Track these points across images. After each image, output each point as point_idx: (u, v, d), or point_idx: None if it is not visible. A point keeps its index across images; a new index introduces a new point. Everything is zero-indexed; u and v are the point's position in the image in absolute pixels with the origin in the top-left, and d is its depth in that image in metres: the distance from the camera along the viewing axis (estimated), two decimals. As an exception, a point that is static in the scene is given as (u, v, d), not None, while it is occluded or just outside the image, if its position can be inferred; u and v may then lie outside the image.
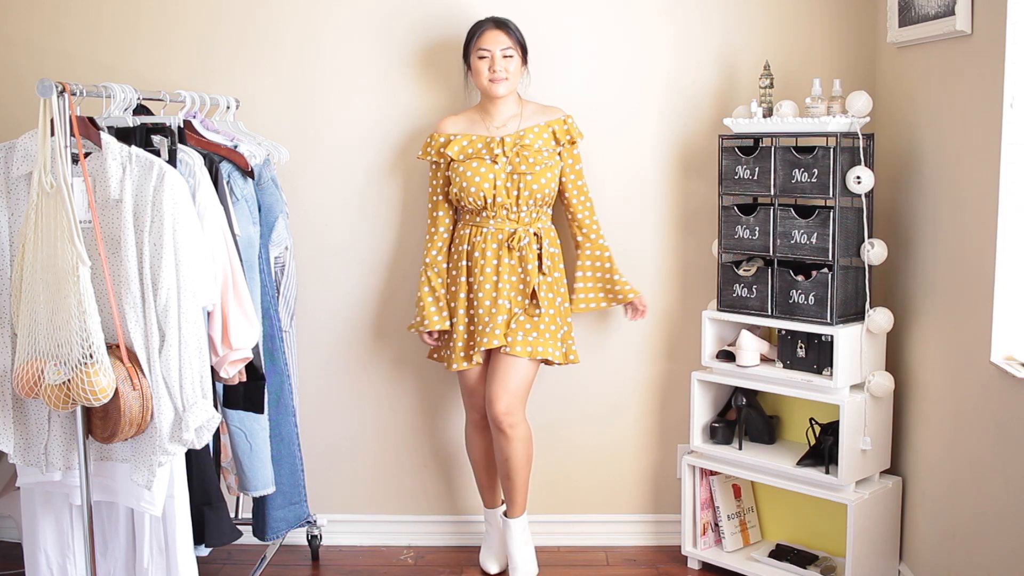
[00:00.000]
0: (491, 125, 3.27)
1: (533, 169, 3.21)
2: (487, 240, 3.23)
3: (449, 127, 3.30)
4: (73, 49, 3.51)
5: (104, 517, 2.75)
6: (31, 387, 2.40)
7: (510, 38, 3.21)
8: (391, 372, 3.66)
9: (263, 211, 3.02)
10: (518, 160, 3.20)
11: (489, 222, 3.24)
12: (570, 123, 3.29)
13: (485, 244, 3.23)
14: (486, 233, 3.24)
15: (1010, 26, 2.49)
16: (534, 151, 3.22)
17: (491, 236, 3.23)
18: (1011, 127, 2.53)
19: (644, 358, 3.62)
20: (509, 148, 3.21)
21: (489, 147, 3.22)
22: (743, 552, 3.45)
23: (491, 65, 3.18)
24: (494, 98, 3.24)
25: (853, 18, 3.42)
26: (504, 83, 3.20)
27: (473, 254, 3.25)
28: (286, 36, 3.50)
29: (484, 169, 3.20)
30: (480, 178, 3.20)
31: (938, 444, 2.99)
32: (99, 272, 2.46)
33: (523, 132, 3.24)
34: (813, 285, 3.12)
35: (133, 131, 2.68)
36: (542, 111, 3.31)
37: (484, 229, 3.24)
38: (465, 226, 3.29)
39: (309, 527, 3.54)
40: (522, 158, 3.21)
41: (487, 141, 3.23)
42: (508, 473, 3.29)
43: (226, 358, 2.67)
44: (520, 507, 3.34)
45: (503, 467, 3.30)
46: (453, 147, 3.25)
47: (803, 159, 3.10)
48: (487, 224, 3.24)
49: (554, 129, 3.27)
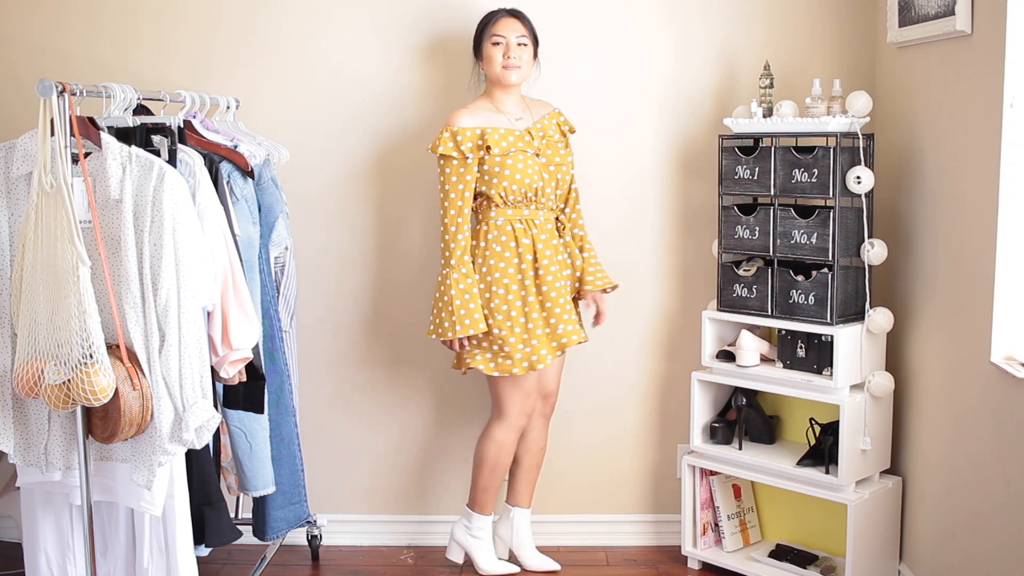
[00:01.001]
0: (509, 118, 3.21)
1: (566, 160, 3.27)
2: (544, 230, 3.20)
3: (467, 120, 3.16)
4: (73, 49, 3.51)
5: (104, 517, 2.75)
6: (31, 387, 2.40)
7: (524, 27, 3.19)
8: (391, 372, 3.65)
9: (263, 211, 3.02)
10: (551, 152, 3.22)
11: (539, 213, 3.21)
12: (564, 115, 3.32)
13: (545, 234, 3.20)
14: (540, 224, 3.21)
15: (1010, 26, 2.49)
16: (555, 142, 3.25)
17: (543, 226, 3.21)
18: (1011, 127, 2.53)
19: (644, 358, 3.62)
20: (540, 140, 3.21)
21: (526, 141, 3.19)
22: (743, 552, 3.45)
23: (506, 51, 3.15)
24: (507, 86, 3.19)
25: (853, 18, 3.43)
26: (517, 71, 3.17)
27: (536, 246, 3.17)
28: (286, 36, 3.50)
29: (531, 162, 3.16)
30: (532, 171, 3.15)
31: (938, 444, 2.99)
32: (99, 272, 2.46)
33: (541, 125, 3.24)
34: (813, 285, 3.12)
35: (133, 131, 2.68)
36: (540, 104, 3.31)
37: (537, 221, 3.20)
38: (508, 222, 3.16)
39: (309, 527, 3.54)
40: (554, 149, 3.24)
41: (520, 135, 3.19)
42: (539, 463, 3.45)
43: (226, 358, 2.67)
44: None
45: (536, 456, 3.43)
46: (492, 139, 3.13)
47: (803, 159, 3.10)
48: (537, 216, 3.21)
49: (557, 121, 3.29)
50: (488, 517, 3.40)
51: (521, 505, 3.44)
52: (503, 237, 3.16)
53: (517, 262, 3.16)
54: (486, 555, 3.42)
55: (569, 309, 3.22)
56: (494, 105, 3.22)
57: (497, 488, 3.38)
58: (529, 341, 3.15)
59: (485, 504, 3.38)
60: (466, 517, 3.41)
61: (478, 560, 3.41)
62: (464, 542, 3.41)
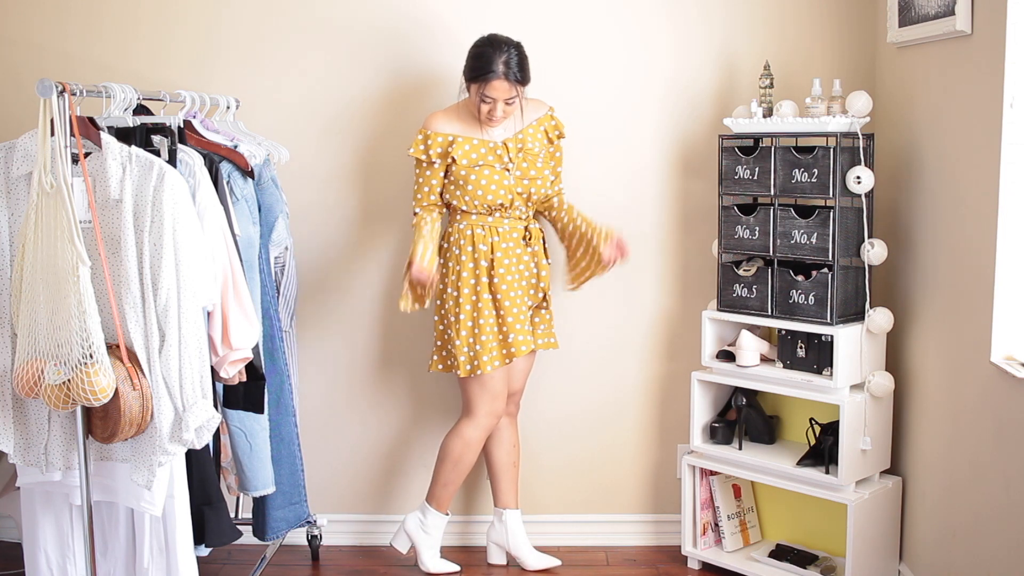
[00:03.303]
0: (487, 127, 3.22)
1: (542, 173, 3.23)
2: (506, 239, 3.21)
3: (443, 126, 3.19)
4: (73, 49, 3.51)
5: (104, 517, 2.75)
6: (31, 387, 2.40)
7: (516, 88, 3.12)
8: (391, 372, 3.65)
9: (263, 211, 3.02)
10: (526, 165, 3.20)
11: (503, 222, 3.22)
12: (556, 118, 3.29)
13: (506, 243, 3.21)
14: (504, 232, 3.21)
15: (1010, 26, 2.49)
16: (534, 155, 3.23)
17: (507, 235, 3.22)
18: (1011, 127, 2.53)
19: (644, 358, 3.62)
20: (514, 154, 3.20)
21: (497, 155, 3.18)
22: (743, 552, 3.45)
23: (491, 112, 3.14)
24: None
25: (853, 18, 3.43)
26: (500, 124, 3.20)
27: (494, 254, 3.19)
28: (286, 36, 3.50)
29: (497, 177, 3.17)
30: (496, 186, 3.16)
31: (938, 444, 2.99)
32: (99, 272, 2.46)
33: (522, 136, 3.23)
34: (813, 285, 3.12)
35: (133, 131, 2.68)
36: (532, 107, 3.26)
37: (501, 229, 3.21)
38: (470, 227, 3.21)
39: (309, 527, 3.54)
40: (529, 163, 3.21)
41: (492, 148, 3.19)
42: (516, 460, 3.45)
43: (226, 358, 2.67)
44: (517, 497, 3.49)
45: (511, 454, 3.43)
46: (459, 151, 3.17)
47: (803, 159, 3.10)
48: (501, 224, 3.22)
49: (545, 127, 3.27)
50: (443, 516, 3.40)
51: (510, 506, 3.44)
52: (462, 241, 3.22)
53: (472, 267, 3.20)
54: (432, 553, 3.42)
55: (523, 319, 3.23)
56: (472, 113, 3.21)
57: (456, 486, 3.38)
58: (474, 346, 3.20)
59: (443, 501, 3.39)
60: (422, 511, 3.41)
61: (423, 556, 3.42)
62: (414, 535, 3.41)
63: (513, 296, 3.21)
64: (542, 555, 3.47)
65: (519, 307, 3.23)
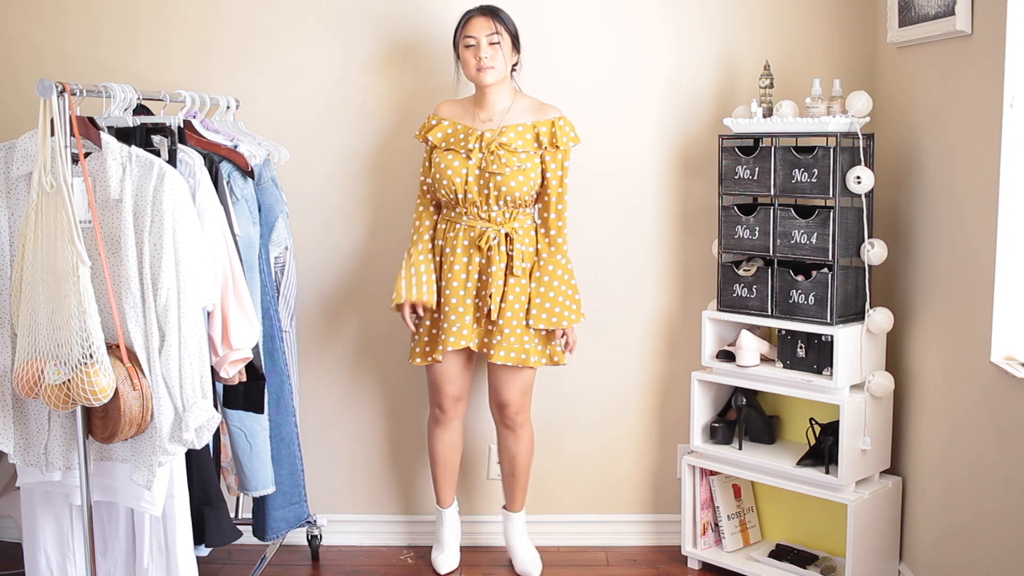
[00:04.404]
0: (480, 116, 3.20)
1: (504, 170, 3.10)
2: (459, 237, 3.19)
3: (444, 111, 3.26)
4: (73, 49, 3.51)
5: (104, 517, 2.75)
6: (31, 387, 2.40)
7: (496, 23, 3.11)
8: (391, 372, 3.65)
9: (263, 211, 3.02)
10: (492, 158, 3.12)
11: (462, 218, 3.19)
12: (560, 126, 3.15)
13: (456, 241, 3.19)
14: (459, 229, 3.20)
15: (1010, 26, 2.49)
16: (510, 151, 3.13)
17: (463, 233, 3.19)
18: (1011, 127, 2.53)
19: (644, 358, 3.62)
20: (485, 145, 3.14)
21: (467, 140, 3.16)
22: (743, 552, 3.45)
23: (477, 53, 3.11)
24: (484, 87, 3.17)
25: (853, 18, 3.43)
26: (491, 71, 3.11)
27: (445, 249, 3.22)
28: (286, 36, 3.50)
29: (457, 163, 3.15)
30: (453, 172, 3.14)
31: (938, 444, 2.99)
32: (99, 272, 2.46)
33: (505, 129, 3.15)
34: (813, 285, 3.12)
35: (133, 131, 2.68)
36: (536, 109, 3.20)
37: (457, 225, 3.20)
38: (442, 220, 3.25)
39: (309, 527, 3.54)
40: (496, 156, 3.12)
41: (468, 133, 3.17)
42: (515, 471, 3.40)
43: (226, 358, 2.67)
44: (521, 502, 3.44)
45: (510, 464, 3.39)
46: (436, 132, 3.21)
47: (803, 159, 3.10)
48: (460, 220, 3.20)
49: (539, 131, 3.15)
50: (441, 511, 3.48)
51: (509, 509, 3.47)
52: (436, 238, 3.27)
53: (439, 261, 3.25)
54: (436, 551, 3.51)
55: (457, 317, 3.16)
56: (476, 102, 3.23)
57: (442, 481, 3.44)
58: (423, 338, 3.27)
59: (437, 494, 3.49)
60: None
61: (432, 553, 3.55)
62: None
63: (449, 294, 3.19)
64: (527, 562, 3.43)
65: (465, 305, 3.18)
